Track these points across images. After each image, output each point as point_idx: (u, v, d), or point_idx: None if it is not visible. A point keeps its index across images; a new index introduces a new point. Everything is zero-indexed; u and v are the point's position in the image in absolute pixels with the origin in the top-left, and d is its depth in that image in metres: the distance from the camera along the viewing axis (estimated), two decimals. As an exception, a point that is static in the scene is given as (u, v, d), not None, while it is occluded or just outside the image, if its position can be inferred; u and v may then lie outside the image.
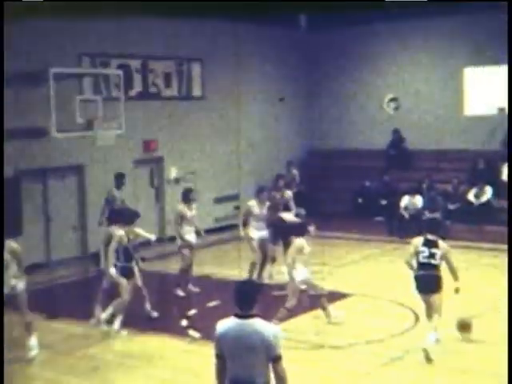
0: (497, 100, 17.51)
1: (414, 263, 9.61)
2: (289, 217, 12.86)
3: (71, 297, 13.25)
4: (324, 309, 10.94)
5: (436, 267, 9.40)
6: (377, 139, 20.24)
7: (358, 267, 14.59)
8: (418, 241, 9.61)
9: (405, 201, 17.51)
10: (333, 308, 11.32)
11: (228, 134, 19.29)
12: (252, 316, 5.41)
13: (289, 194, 13.87)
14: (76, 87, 15.55)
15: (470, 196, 17.40)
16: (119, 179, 15.28)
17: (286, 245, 11.76)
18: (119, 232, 10.67)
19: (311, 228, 10.78)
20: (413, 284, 9.71)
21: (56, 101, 13.82)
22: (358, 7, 16.57)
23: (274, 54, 20.50)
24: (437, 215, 16.86)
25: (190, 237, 12.77)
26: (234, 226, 18.66)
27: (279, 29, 19.81)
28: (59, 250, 15.54)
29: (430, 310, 9.52)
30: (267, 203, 12.96)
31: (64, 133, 14.13)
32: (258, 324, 5.41)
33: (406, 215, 17.35)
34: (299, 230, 10.77)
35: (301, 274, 10.60)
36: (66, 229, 15.84)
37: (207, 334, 10.36)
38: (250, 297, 5.47)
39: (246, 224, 13.01)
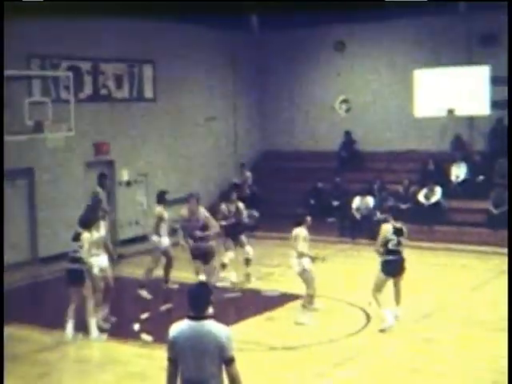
0: (446, 102, 17.77)
1: (383, 249, 10.53)
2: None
3: (22, 301, 13.01)
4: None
5: (402, 252, 10.59)
6: (329, 141, 20.36)
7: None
8: (388, 229, 10.55)
9: (356, 202, 17.67)
10: (286, 310, 11.37)
11: (179, 136, 19.24)
12: (205, 318, 5.42)
13: (241, 206, 13.92)
14: (25, 89, 15.33)
15: (421, 196, 17.62)
16: (102, 179, 15.80)
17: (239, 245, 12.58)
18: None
19: (308, 218, 11.46)
20: (382, 268, 10.53)
21: (6, 103, 13.60)
22: (313, 7, 16.65)
23: (225, 55, 20.50)
24: (388, 216, 17.07)
25: (166, 239, 12.98)
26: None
27: (231, 30, 19.79)
28: (10, 254, 15.22)
29: (397, 286, 10.73)
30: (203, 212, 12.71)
31: (13, 135, 13.85)
32: (210, 326, 5.42)
33: (358, 216, 17.50)
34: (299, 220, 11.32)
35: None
36: (16, 232, 15.54)
37: (160, 337, 10.32)
38: (202, 299, 5.49)
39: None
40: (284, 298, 12.22)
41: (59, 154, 15.50)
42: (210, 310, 5.54)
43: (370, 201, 17.60)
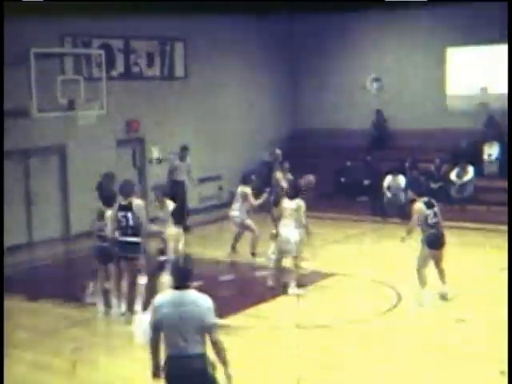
0: (479, 80, 17.46)
1: (423, 226, 10.58)
2: None
3: (53, 278, 13.10)
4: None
5: (441, 225, 10.73)
6: (360, 119, 20.12)
7: (340, 247, 14.55)
8: (420, 206, 10.57)
9: (387, 180, 17.49)
10: (315, 288, 11.34)
11: (210, 115, 19.17)
12: (187, 287, 5.72)
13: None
14: (57, 67, 15.32)
15: (453, 176, 17.39)
16: (183, 151, 16.47)
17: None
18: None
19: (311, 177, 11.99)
20: (426, 242, 10.61)
21: (37, 81, 13.72)
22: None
23: (257, 37, 20.31)
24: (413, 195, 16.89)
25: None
26: (217, 207, 18.71)
27: (261, 13, 19.59)
28: (41, 231, 15.37)
29: (439, 264, 10.76)
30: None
31: (45, 113, 14.04)
32: (193, 294, 5.71)
33: (389, 195, 17.34)
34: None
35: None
36: (48, 209, 15.67)
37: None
38: (186, 271, 5.79)
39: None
40: (315, 276, 12.14)
41: (91, 131, 15.49)
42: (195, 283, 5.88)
43: (402, 180, 17.41)
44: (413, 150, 18.63)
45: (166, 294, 5.80)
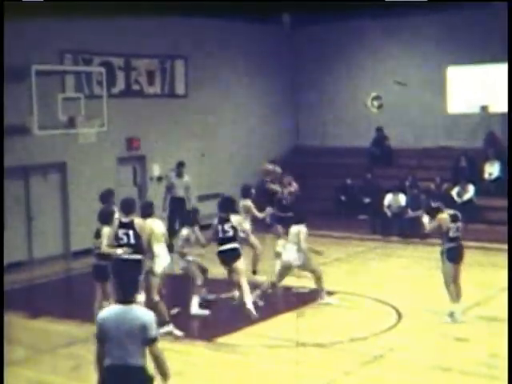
0: (479, 98, 17.57)
1: (443, 238, 10.65)
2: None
3: (53, 295, 13.15)
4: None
5: (461, 239, 10.76)
6: (360, 137, 20.25)
7: (341, 265, 14.58)
8: (446, 217, 10.63)
9: (388, 199, 17.54)
10: (316, 306, 11.39)
11: (211, 132, 19.29)
12: (131, 302, 5.97)
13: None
14: (58, 84, 15.49)
15: (453, 194, 17.44)
16: (180, 168, 16.24)
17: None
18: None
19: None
20: (448, 256, 10.60)
21: (38, 98, 13.82)
22: (344, 5, 16.58)
23: (257, 52, 20.47)
24: (420, 213, 16.95)
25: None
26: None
27: (262, 26, 19.77)
28: (42, 248, 15.42)
29: (457, 279, 10.76)
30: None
31: (46, 130, 14.14)
32: (135, 309, 5.96)
33: (389, 213, 17.39)
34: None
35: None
36: (48, 226, 15.72)
37: (192, 332, 10.39)
38: (131, 285, 6.10)
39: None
40: (314, 295, 12.13)
41: (91, 148, 15.64)
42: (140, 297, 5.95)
43: (402, 198, 17.47)
44: (413, 168, 18.73)
45: (110, 309, 6.06)
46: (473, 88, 17.92)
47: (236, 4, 15.92)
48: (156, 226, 10.39)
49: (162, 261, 10.32)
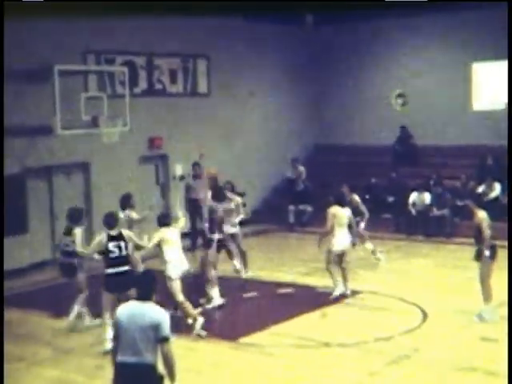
0: (504, 95, 17.40)
1: (478, 237, 10.65)
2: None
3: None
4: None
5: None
6: (384, 135, 20.13)
7: (365, 264, 14.54)
8: (485, 215, 10.69)
9: (412, 197, 17.45)
10: (340, 306, 11.45)
11: (233, 131, 19.32)
12: (148, 300, 6.10)
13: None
14: (81, 84, 15.59)
15: (479, 192, 17.30)
16: (195, 168, 16.18)
17: None
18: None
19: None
20: (489, 255, 10.55)
21: (61, 98, 13.93)
22: (364, 5, 16.56)
23: (281, 51, 20.46)
24: (445, 212, 16.86)
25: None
26: (241, 224, 18.69)
27: (286, 26, 19.75)
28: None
29: (490, 278, 10.67)
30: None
31: (69, 130, 14.24)
32: (149, 307, 6.08)
33: (414, 212, 17.28)
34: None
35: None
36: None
37: (214, 331, 10.41)
38: (148, 284, 6.19)
39: None
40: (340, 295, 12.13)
41: (114, 148, 15.70)
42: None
43: (427, 196, 17.37)
44: (438, 166, 18.59)
45: (126, 305, 6.19)
46: (498, 84, 17.75)
47: (260, 4, 15.94)
48: (170, 233, 10.63)
49: (174, 266, 10.50)
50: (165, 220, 10.84)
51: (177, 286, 10.47)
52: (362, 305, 11.77)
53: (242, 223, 13.74)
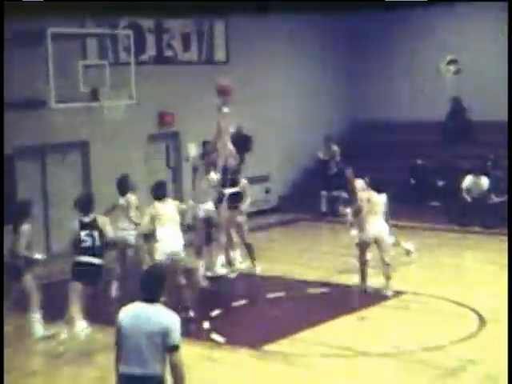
0: None
1: None
2: None
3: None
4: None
5: None
6: (433, 109, 20.00)
7: (409, 260, 14.42)
8: None
9: (467, 182, 17.28)
10: (381, 309, 11.42)
11: (256, 105, 19.27)
12: (155, 302, 6.03)
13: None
14: (79, 50, 15.62)
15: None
16: (205, 147, 15.55)
17: None
18: None
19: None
20: None
21: (55, 66, 13.90)
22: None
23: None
24: (505, 199, 16.63)
25: None
26: (264, 213, 18.69)
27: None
28: (60, 242, 15.38)
29: None
30: None
31: (65, 103, 14.22)
32: (157, 310, 6.00)
33: (469, 199, 17.08)
34: None
35: None
36: (68, 216, 15.75)
37: (233, 338, 10.33)
38: (155, 283, 6.10)
39: None
40: (378, 295, 12.09)
41: (117, 124, 15.67)
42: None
43: (484, 181, 17.17)
44: (497, 145, 18.34)
45: (129, 308, 6.11)
46: None
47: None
48: (164, 208, 10.98)
49: (161, 244, 10.84)
50: (158, 192, 11.08)
51: (178, 266, 10.74)
52: (406, 307, 11.67)
53: (264, 211, 13.77)
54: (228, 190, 12.95)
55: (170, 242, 10.90)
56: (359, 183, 12.94)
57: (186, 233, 11.93)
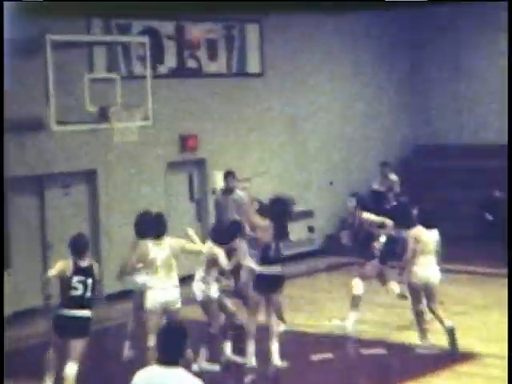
0: None
1: None
2: None
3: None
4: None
5: None
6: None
7: (486, 315, 14.14)
8: None
9: None
10: (452, 376, 11.16)
11: (297, 126, 19.21)
12: (175, 364, 5.95)
13: None
14: (84, 62, 15.61)
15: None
16: (228, 179, 15.95)
17: None
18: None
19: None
20: None
21: (56, 80, 13.59)
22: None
23: (363, 21, 20.40)
24: None
25: None
26: (307, 255, 18.27)
27: None
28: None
29: None
30: None
31: (68, 125, 14.06)
32: (178, 375, 5.92)
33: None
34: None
35: None
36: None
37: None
38: (174, 343, 6.04)
39: None
40: (445, 358, 11.73)
41: (131, 150, 15.72)
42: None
43: None
44: None
45: (149, 370, 6.08)
46: None
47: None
48: (159, 250, 11.02)
49: (154, 293, 10.92)
50: (146, 228, 11.25)
51: (151, 323, 10.79)
52: (486, 375, 11.21)
53: (307, 254, 13.49)
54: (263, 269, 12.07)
55: (163, 291, 10.96)
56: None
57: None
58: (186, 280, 12.09)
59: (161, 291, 10.92)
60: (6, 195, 14.53)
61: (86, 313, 10.29)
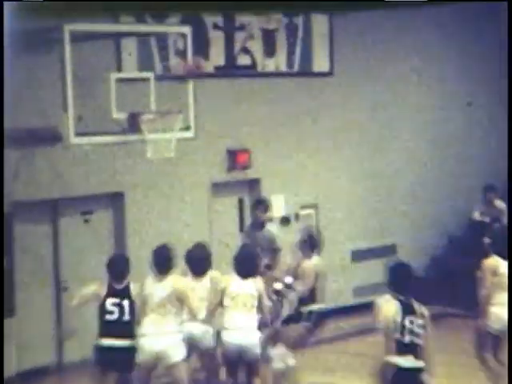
0: None
1: None
2: None
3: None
4: None
5: None
6: None
7: None
8: None
9: None
10: None
11: (376, 138, 19.44)
12: None
13: None
14: (111, 58, 15.89)
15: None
16: (259, 208, 16.33)
17: None
18: None
19: None
20: None
21: (76, 82, 13.79)
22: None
23: (457, 21, 20.69)
24: None
25: None
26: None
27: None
28: (79, 346, 15.31)
29: None
30: None
31: (89, 136, 14.20)
32: None
33: None
34: None
35: None
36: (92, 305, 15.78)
37: None
38: None
39: None
40: None
41: (167, 168, 15.93)
42: None
43: None
44: None
45: None
46: None
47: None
48: (160, 289, 11.54)
49: (148, 342, 11.30)
50: (159, 263, 11.76)
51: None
52: None
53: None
54: None
55: (158, 339, 11.33)
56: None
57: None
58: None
59: (155, 339, 11.35)
60: (9, 223, 14.45)
61: (125, 342, 10.90)
